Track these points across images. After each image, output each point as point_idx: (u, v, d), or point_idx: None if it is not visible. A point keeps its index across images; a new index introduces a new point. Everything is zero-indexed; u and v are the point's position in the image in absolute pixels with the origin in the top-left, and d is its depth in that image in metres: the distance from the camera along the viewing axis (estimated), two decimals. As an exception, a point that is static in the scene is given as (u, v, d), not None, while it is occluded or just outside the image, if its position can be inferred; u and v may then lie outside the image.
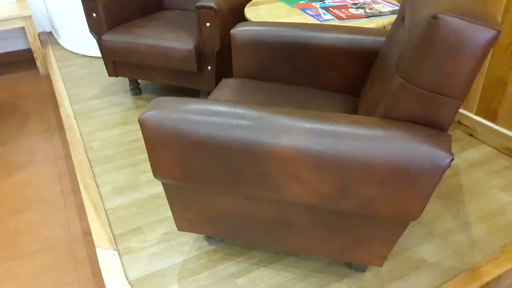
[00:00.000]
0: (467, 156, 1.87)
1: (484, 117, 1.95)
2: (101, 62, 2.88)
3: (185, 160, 1.07)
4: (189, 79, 2.16)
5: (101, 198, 1.63)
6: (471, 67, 0.87)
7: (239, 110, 1.05)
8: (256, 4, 2.04)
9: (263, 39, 1.59)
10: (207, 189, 1.14)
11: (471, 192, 1.66)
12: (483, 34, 0.83)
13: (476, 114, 1.97)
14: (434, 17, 0.85)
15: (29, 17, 2.80)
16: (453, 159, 0.91)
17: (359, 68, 1.54)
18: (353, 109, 1.44)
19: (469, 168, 1.79)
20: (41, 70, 3.02)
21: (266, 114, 1.02)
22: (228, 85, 1.62)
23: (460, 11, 0.86)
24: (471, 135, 2.01)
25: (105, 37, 2.13)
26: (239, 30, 1.61)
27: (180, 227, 1.31)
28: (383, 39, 1.49)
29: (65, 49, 3.12)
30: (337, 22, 1.75)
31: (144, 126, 1.06)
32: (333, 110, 1.42)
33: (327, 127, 0.96)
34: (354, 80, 1.56)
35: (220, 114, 1.04)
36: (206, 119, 1.04)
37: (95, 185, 1.70)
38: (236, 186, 1.08)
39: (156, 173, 1.13)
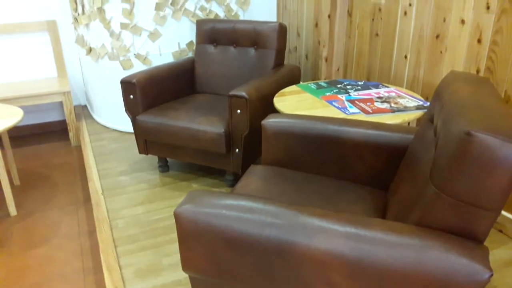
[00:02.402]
0: (498, 254, 1.81)
1: (513, 213, 1.91)
2: (132, 137, 3.00)
3: (217, 256, 1.07)
4: (217, 159, 2.21)
5: (123, 282, 1.61)
6: (506, 182, 0.88)
7: (273, 208, 1.06)
8: (284, 94, 2.14)
9: (293, 130, 1.65)
10: (237, 287, 1.12)
11: (505, 296, 1.58)
12: (518, 153, 0.85)
13: (505, 210, 1.94)
14: (468, 134, 0.88)
15: (68, 92, 2.98)
16: (492, 274, 0.89)
17: (387, 163, 1.56)
18: (382, 205, 1.44)
19: (501, 268, 1.72)
20: (72, 141, 3.15)
21: (300, 214, 1.03)
22: (256, 172, 1.66)
23: (493, 127, 0.89)
24: (500, 231, 1.96)
25: (140, 117, 2.24)
26: (269, 121, 1.68)
27: (203, 321, 1.27)
28: (411, 136, 1.53)
29: (98, 123, 3.27)
30: (363, 116, 1.81)
31: (178, 220, 1.08)
32: (362, 206, 1.43)
33: (362, 232, 0.96)
34: (382, 174, 1.58)
35: (253, 211, 1.06)
36: (240, 216, 1.05)
37: (118, 266, 1.69)
38: (266, 286, 1.06)
39: (185, 267, 1.13)
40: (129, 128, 3.09)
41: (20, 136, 3.41)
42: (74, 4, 3.04)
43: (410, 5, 2.19)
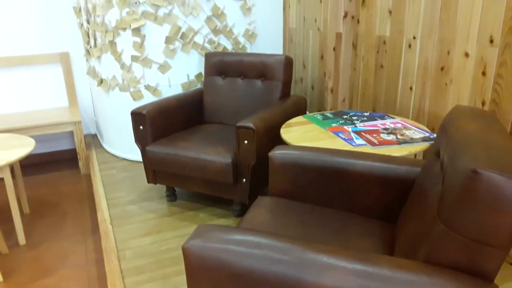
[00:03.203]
0: (510, 288, 1.78)
1: (524, 246, 1.88)
2: (141, 166, 3.03)
3: (225, 291, 1.07)
4: (224, 189, 2.23)
5: (130, 314, 1.61)
6: (514, 220, 0.88)
7: (280, 244, 1.07)
8: (290, 125, 2.17)
9: (300, 162, 1.67)
10: (244, 323, 1.12)
11: (519, 332, 1.54)
12: (524, 191, 0.86)
13: (515, 242, 1.92)
14: (474, 172, 0.89)
15: (79, 122, 3.05)
16: (503, 314, 0.88)
17: (395, 195, 1.56)
18: (390, 239, 1.44)
19: (514, 303, 1.69)
20: (82, 170, 3.19)
21: (308, 251, 1.03)
22: (264, 204, 1.67)
23: (499, 164, 0.90)
24: (511, 264, 1.93)
25: (150, 148, 2.28)
26: (277, 153, 1.70)
27: None
28: (417, 169, 1.54)
29: (107, 152, 3.32)
30: (369, 147, 1.83)
31: (186, 255, 1.09)
32: (370, 240, 1.42)
33: (371, 269, 0.96)
34: (390, 207, 1.58)
35: (261, 247, 1.07)
36: (247, 251, 1.06)
37: (125, 298, 1.68)
38: (274, 324, 1.05)
39: (194, 302, 1.12)
40: (138, 157, 3.13)
41: (30, 164, 3.46)
42: (87, 37, 3.15)
43: (414, 38, 2.24)
